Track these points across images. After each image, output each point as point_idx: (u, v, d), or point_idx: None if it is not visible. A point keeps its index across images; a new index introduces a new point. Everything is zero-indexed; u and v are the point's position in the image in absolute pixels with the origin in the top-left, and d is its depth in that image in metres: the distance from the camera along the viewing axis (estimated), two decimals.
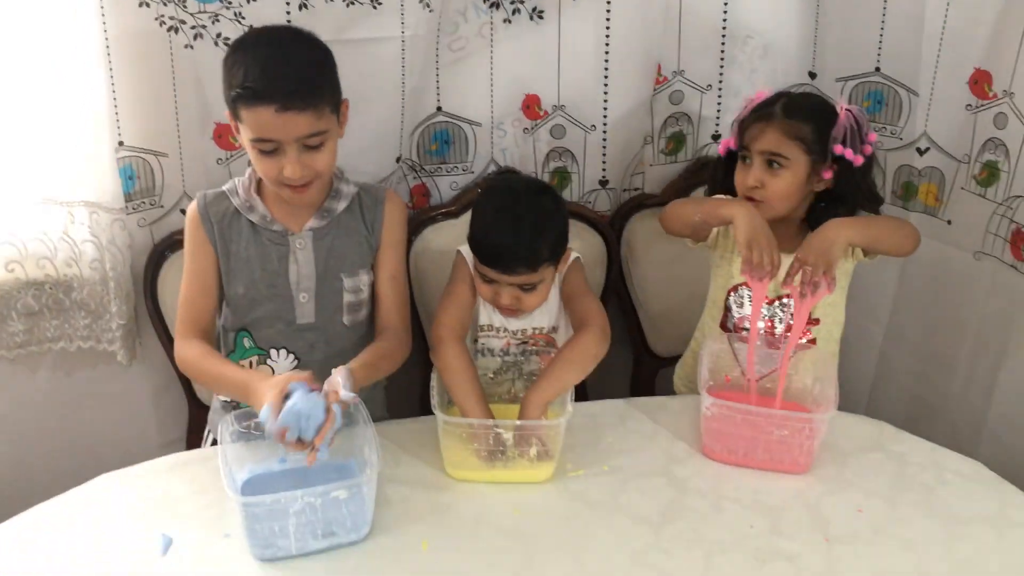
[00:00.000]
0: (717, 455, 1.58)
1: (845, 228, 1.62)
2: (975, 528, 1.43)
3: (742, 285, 1.77)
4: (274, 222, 1.62)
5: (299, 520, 1.30)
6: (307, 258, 1.62)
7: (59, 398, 2.00)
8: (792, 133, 1.66)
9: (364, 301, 1.68)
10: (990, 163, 1.92)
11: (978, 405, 2.01)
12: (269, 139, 1.48)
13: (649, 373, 2.29)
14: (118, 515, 1.41)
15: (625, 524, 1.42)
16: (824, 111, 1.69)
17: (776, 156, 1.67)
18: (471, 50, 1.98)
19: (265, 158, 1.50)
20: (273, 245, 1.62)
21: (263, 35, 1.57)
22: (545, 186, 1.80)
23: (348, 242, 1.65)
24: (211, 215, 1.61)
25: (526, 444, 1.49)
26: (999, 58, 1.86)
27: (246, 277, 1.62)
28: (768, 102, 1.71)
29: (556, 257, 1.64)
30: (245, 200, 1.62)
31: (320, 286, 1.64)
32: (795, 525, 1.43)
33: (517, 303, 1.64)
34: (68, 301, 1.89)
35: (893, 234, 1.70)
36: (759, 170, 1.69)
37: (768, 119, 1.68)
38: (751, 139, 1.69)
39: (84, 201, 1.80)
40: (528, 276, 1.60)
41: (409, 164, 2.06)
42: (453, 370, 1.56)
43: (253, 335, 1.66)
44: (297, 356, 1.67)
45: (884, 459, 1.59)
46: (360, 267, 1.66)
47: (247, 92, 1.45)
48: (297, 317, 1.65)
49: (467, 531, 1.40)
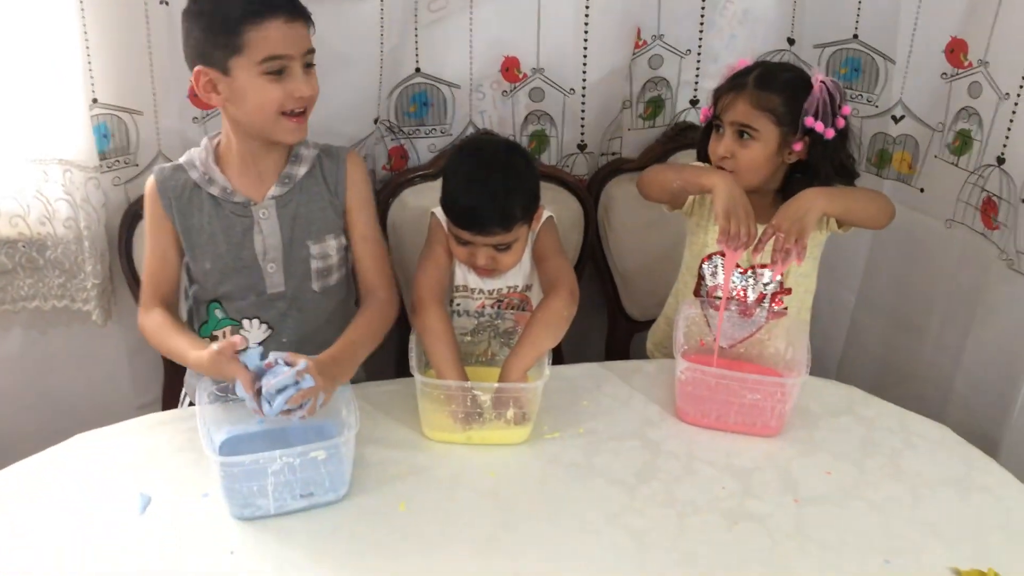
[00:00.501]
0: (691, 418, 1.60)
1: (820, 197, 1.63)
2: (941, 491, 1.46)
3: (716, 254, 1.78)
4: (235, 193, 1.59)
5: (277, 480, 1.31)
6: (272, 228, 1.61)
7: (33, 357, 2.00)
8: (761, 104, 1.66)
9: (333, 266, 1.67)
10: (963, 132, 1.94)
11: (946, 371, 2.05)
12: (279, 56, 1.46)
13: (624, 336, 2.31)
14: (95, 474, 1.42)
15: (600, 485, 1.44)
16: (797, 83, 1.68)
17: (746, 127, 1.67)
18: (450, 11, 1.97)
19: (272, 85, 1.48)
20: (236, 217, 1.60)
21: None
22: (514, 145, 1.80)
23: (312, 207, 1.63)
24: (169, 190, 1.58)
25: (503, 407, 1.51)
26: (975, 27, 1.87)
27: (211, 252, 1.60)
28: (743, 72, 1.71)
29: (529, 216, 1.65)
30: (204, 173, 1.59)
31: (287, 255, 1.62)
32: (765, 487, 1.46)
33: (493, 263, 1.65)
34: (42, 260, 1.88)
35: (868, 206, 1.71)
36: (730, 140, 1.69)
37: (739, 89, 1.68)
38: (723, 109, 1.70)
39: (58, 159, 1.78)
40: (502, 236, 1.61)
41: (387, 126, 2.05)
42: (432, 333, 1.57)
43: (224, 306, 1.65)
44: (270, 325, 1.66)
45: (853, 423, 1.62)
46: (327, 232, 1.64)
47: (255, 7, 1.44)
48: (267, 287, 1.64)
49: (444, 492, 1.41)
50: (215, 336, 1.66)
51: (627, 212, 2.18)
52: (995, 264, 1.88)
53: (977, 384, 1.97)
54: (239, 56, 1.46)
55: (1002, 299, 1.88)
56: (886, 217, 1.72)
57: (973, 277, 1.96)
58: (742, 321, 1.73)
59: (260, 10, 1.44)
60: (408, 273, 2.00)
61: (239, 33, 1.44)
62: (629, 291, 2.26)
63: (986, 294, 1.92)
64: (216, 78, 1.49)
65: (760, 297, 1.77)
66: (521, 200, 1.61)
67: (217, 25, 1.46)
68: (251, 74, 1.47)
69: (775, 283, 1.76)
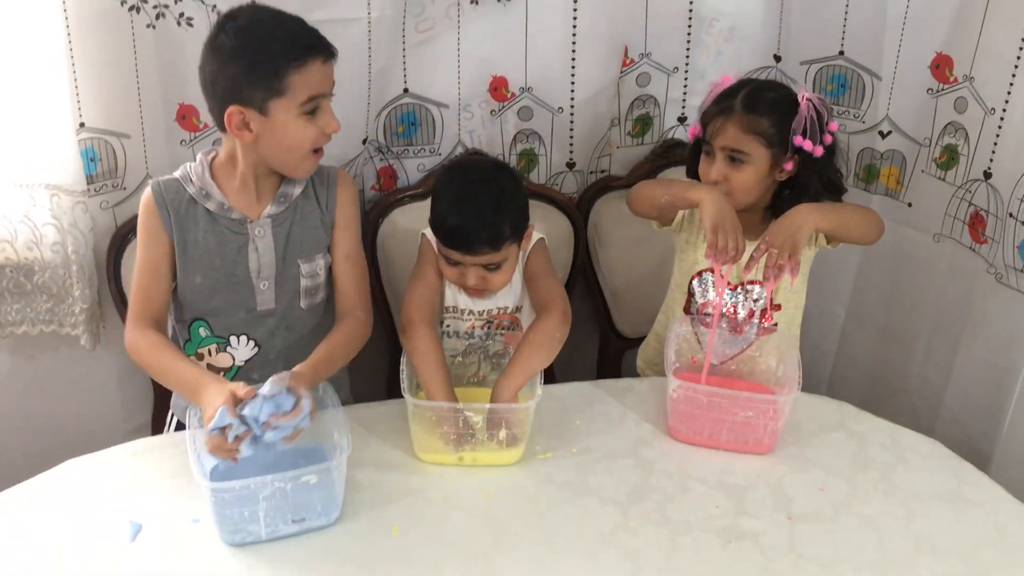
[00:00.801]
0: (683, 436, 1.60)
1: (812, 213, 1.64)
2: (933, 506, 1.46)
3: (706, 271, 1.79)
4: (232, 210, 1.59)
5: (269, 505, 1.31)
6: (267, 246, 1.61)
7: (22, 382, 1.98)
8: (751, 128, 1.66)
9: (321, 285, 1.67)
10: (950, 146, 1.96)
11: (936, 385, 2.06)
12: (318, 95, 1.50)
13: (615, 354, 2.31)
14: (85, 501, 1.40)
15: (593, 505, 1.44)
16: (784, 103, 1.69)
17: (737, 151, 1.68)
18: (438, 31, 1.97)
19: (309, 124, 1.51)
20: (231, 233, 1.60)
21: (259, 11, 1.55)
22: (502, 165, 1.81)
23: (305, 226, 1.64)
24: (167, 203, 1.57)
25: (495, 428, 1.50)
26: (960, 43, 1.89)
27: (204, 266, 1.59)
28: (729, 93, 1.71)
29: (518, 235, 1.65)
30: (200, 188, 1.59)
31: (280, 273, 1.62)
32: (759, 504, 1.45)
33: (483, 283, 1.65)
34: (29, 284, 1.87)
35: (860, 222, 1.72)
36: (721, 164, 1.70)
37: (728, 114, 1.68)
38: (712, 134, 1.70)
39: (45, 184, 1.78)
40: (491, 255, 1.61)
41: (376, 146, 2.05)
42: (421, 353, 1.56)
43: (210, 323, 1.65)
44: (258, 343, 1.66)
45: (845, 438, 1.62)
46: (316, 251, 1.65)
47: (302, 50, 1.46)
48: (258, 304, 1.64)
49: (437, 514, 1.41)
50: (200, 355, 1.66)
51: (617, 229, 2.18)
52: (984, 278, 1.89)
53: (967, 398, 1.97)
54: (280, 98, 1.47)
55: (991, 313, 1.89)
56: (876, 233, 1.73)
57: (962, 291, 1.97)
58: (732, 338, 1.73)
59: (303, 54, 1.47)
60: (397, 293, 2.00)
61: (283, 76, 1.46)
62: (620, 308, 2.26)
63: (975, 308, 1.93)
64: (251, 117, 1.49)
65: (750, 314, 1.78)
66: (510, 219, 1.61)
67: (259, 68, 1.46)
68: (291, 115, 1.49)
69: (764, 300, 1.77)
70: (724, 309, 1.77)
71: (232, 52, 1.47)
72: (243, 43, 1.47)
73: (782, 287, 1.74)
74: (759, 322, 1.77)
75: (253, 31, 1.48)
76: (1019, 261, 1.79)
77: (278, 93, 1.47)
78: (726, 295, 1.77)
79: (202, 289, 1.61)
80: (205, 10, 1.76)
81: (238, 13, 1.52)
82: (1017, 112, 1.78)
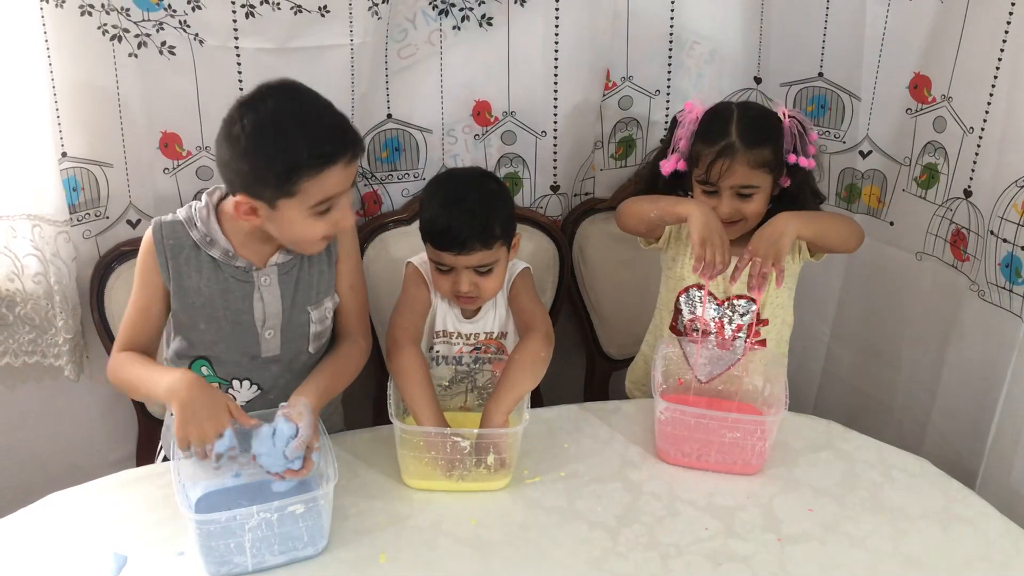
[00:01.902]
0: (671, 458, 1.60)
1: (793, 220, 1.66)
2: (922, 524, 1.47)
3: (693, 287, 1.80)
4: (237, 257, 1.52)
5: (255, 536, 1.29)
6: (273, 295, 1.54)
7: (4, 414, 1.96)
8: (757, 163, 1.68)
9: (328, 327, 1.64)
10: (930, 165, 1.97)
11: (923, 402, 2.06)
12: (332, 197, 1.42)
13: (603, 375, 2.30)
14: (69, 535, 1.39)
15: (582, 530, 1.43)
16: (775, 126, 1.71)
17: (747, 188, 1.70)
18: (420, 57, 1.98)
19: (318, 221, 1.43)
20: (236, 281, 1.53)
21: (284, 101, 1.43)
22: (488, 172, 1.84)
23: (313, 271, 1.58)
24: (167, 248, 1.50)
25: (483, 453, 1.50)
26: (937, 63, 1.90)
27: (207, 314, 1.53)
28: (717, 129, 1.70)
29: (508, 236, 1.66)
30: (205, 234, 1.51)
31: (286, 321, 1.56)
32: (748, 526, 1.45)
33: (476, 289, 1.65)
34: (11, 316, 1.85)
35: (840, 229, 1.75)
36: (730, 202, 1.71)
37: (730, 154, 1.67)
38: (717, 176, 1.69)
39: (27, 214, 1.77)
40: (484, 254, 1.61)
41: (360, 172, 2.05)
42: (407, 374, 1.56)
43: (212, 364, 1.59)
44: (260, 387, 1.61)
45: (833, 458, 1.63)
46: (325, 296, 1.60)
47: (319, 159, 1.37)
48: (262, 352, 1.57)
49: (425, 541, 1.40)
50: None
51: (602, 251, 2.19)
52: (966, 295, 1.90)
53: (953, 414, 1.98)
54: (290, 199, 1.40)
55: (974, 329, 1.90)
56: (856, 240, 1.75)
57: (945, 308, 1.98)
58: (720, 354, 1.74)
59: (322, 163, 1.38)
60: (382, 318, 1.99)
61: (295, 182, 1.38)
62: (606, 330, 2.26)
63: (959, 325, 1.94)
64: (260, 207, 1.42)
65: (737, 328, 1.78)
66: (499, 217, 1.63)
67: (271, 170, 1.38)
68: (300, 214, 1.42)
69: (752, 314, 1.77)
70: (712, 324, 1.78)
71: (245, 149, 1.38)
72: (258, 143, 1.38)
73: (769, 300, 1.75)
74: (747, 338, 1.78)
75: (268, 131, 1.38)
76: (1001, 278, 1.80)
77: (288, 195, 1.39)
78: (713, 310, 1.78)
79: (205, 335, 1.56)
80: (187, 39, 1.76)
81: (258, 103, 1.40)
82: (995, 130, 1.79)
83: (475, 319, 1.74)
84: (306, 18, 1.79)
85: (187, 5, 1.72)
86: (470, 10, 1.95)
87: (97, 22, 1.71)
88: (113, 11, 1.71)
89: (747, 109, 1.78)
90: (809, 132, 1.72)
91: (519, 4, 1.95)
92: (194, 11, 1.74)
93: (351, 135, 1.44)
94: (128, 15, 1.72)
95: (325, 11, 1.79)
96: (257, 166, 1.39)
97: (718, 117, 1.73)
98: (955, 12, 1.83)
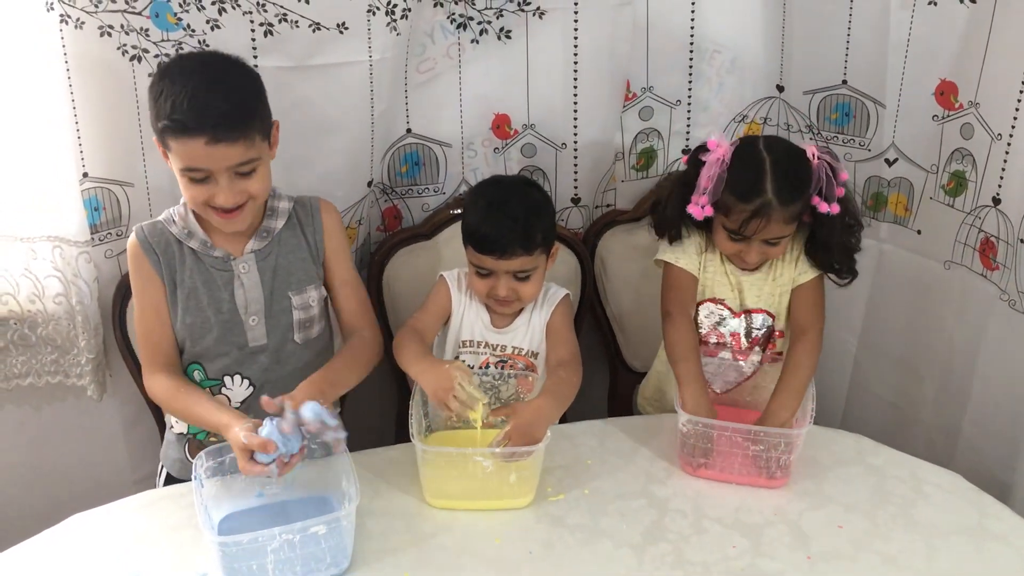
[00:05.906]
0: (694, 471, 1.58)
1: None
2: (955, 541, 1.44)
3: (709, 300, 1.78)
4: (214, 248, 1.60)
5: (277, 557, 1.29)
6: (252, 281, 1.61)
7: (28, 434, 1.97)
8: (791, 217, 1.65)
9: (315, 317, 1.67)
10: (957, 173, 1.94)
11: (953, 414, 2.02)
12: (199, 168, 1.46)
13: (626, 388, 2.28)
14: (91, 557, 1.38)
15: (607, 548, 1.41)
16: (806, 175, 1.64)
17: (776, 238, 1.68)
18: (439, 71, 1.97)
19: (195, 185, 1.48)
20: (217, 271, 1.60)
21: (189, 62, 1.54)
22: (530, 180, 1.87)
23: (292, 259, 1.64)
24: (154, 246, 1.58)
25: (506, 471, 1.48)
26: (964, 69, 1.87)
27: (192, 306, 1.60)
28: (754, 185, 1.63)
29: (549, 243, 1.68)
30: (183, 228, 1.59)
31: (269, 307, 1.62)
32: (777, 543, 1.43)
33: (514, 294, 1.66)
34: (34, 336, 1.86)
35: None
36: (760, 249, 1.68)
37: (765, 214, 1.62)
38: (752, 232, 1.65)
39: (48, 235, 1.78)
40: (524, 260, 1.63)
41: (381, 187, 2.04)
42: (407, 344, 1.61)
43: (204, 366, 1.64)
44: (252, 382, 1.65)
45: (863, 472, 1.60)
46: (307, 283, 1.65)
47: (176, 124, 1.42)
48: (249, 340, 1.63)
49: (449, 561, 1.38)
50: None
51: (623, 263, 2.17)
52: (997, 305, 1.86)
53: (985, 427, 1.94)
54: (170, 152, 1.48)
55: (1005, 339, 1.86)
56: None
57: (975, 318, 1.94)
58: (737, 365, 1.73)
59: (179, 130, 1.43)
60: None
61: (164, 139, 1.46)
62: (629, 342, 2.24)
63: (989, 335, 1.90)
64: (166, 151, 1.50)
65: (754, 341, 1.77)
66: (541, 225, 1.65)
67: (152, 118, 1.47)
68: (177, 172, 1.49)
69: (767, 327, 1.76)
70: (728, 336, 1.77)
71: (149, 89, 1.49)
72: (152, 85, 1.48)
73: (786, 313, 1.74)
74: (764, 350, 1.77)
75: (163, 77, 1.46)
76: None
77: (167, 147, 1.47)
78: (732, 322, 1.77)
79: (193, 329, 1.61)
80: None
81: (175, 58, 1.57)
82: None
83: (504, 330, 1.74)
84: (325, 35, 1.79)
85: (206, 24, 1.73)
86: (488, 23, 1.94)
87: (117, 43, 1.71)
88: (132, 31, 1.71)
89: (779, 158, 1.67)
90: (839, 173, 1.65)
91: (538, 16, 1.95)
92: (213, 30, 1.74)
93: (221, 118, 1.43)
94: (147, 35, 1.72)
95: (344, 28, 1.79)
96: (151, 108, 1.47)
97: (750, 169, 1.65)
98: (982, 17, 1.81)
